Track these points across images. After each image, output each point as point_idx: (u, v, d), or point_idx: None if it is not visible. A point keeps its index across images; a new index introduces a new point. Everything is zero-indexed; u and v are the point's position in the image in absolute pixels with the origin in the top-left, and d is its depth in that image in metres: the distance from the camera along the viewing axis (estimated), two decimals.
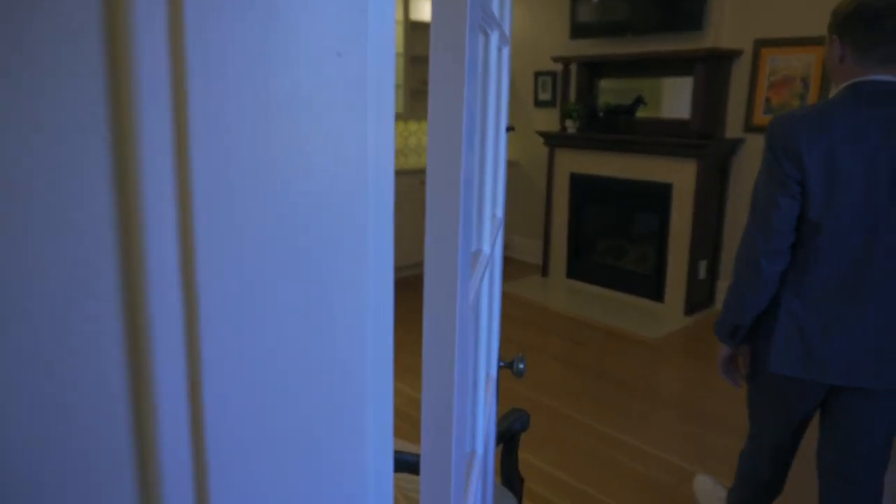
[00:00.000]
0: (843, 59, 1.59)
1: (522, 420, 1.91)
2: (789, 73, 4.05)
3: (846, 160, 1.53)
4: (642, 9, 4.55)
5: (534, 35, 5.55)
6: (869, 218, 1.55)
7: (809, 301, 1.64)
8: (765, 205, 1.66)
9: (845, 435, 1.74)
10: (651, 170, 4.57)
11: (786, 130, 1.60)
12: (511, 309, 4.68)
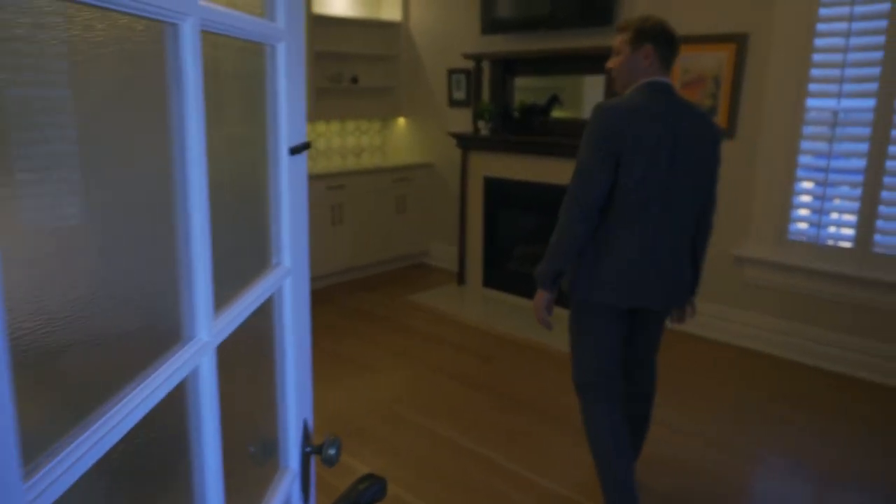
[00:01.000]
0: (650, 64, 2.06)
1: (374, 491, 1.59)
2: (701, 72, 3.88)
3: (649, 138, 1.99)
4: (555, 3, 4.31)
5: (446, 31, 5.25)
6: (661, 177, 2.03)
7: (617, 245, 2.09)
8: (586, 179, 2.04)
9: (646, 336, 2.34)
10: (566, 173, 4.32)
11: (611, 116, 2.01)
12: (423, 323, 4.38)
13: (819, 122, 3.55)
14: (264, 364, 1.09)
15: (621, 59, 2.10)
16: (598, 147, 2.01)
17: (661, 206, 2.05)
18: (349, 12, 5.43)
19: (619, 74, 2.11)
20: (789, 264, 3.72)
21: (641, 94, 2.05)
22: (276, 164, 1.03)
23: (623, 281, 2.10)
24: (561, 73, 4.51)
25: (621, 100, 2.06)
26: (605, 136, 2.00)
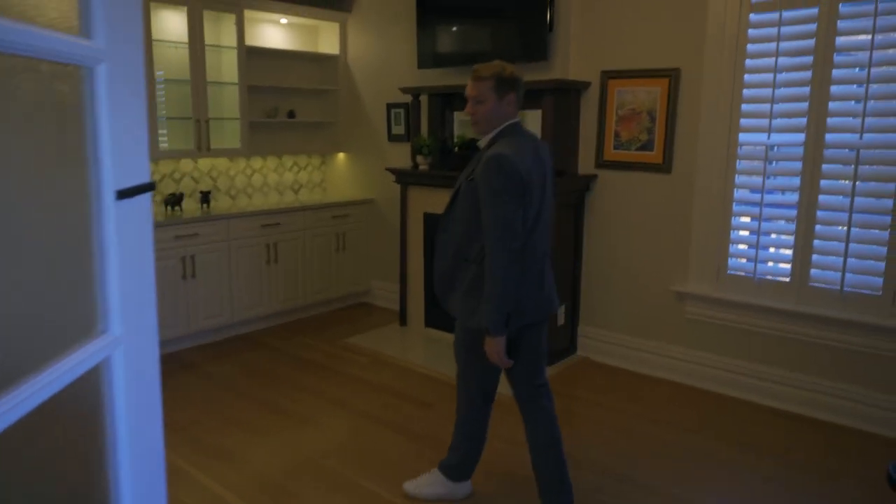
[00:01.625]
0: (513, 109, 2.31)
1: None
2: (636, 107, 3.86)
3: (536, 176, 2.27)
4: (487, 38, 4.27)
5: (384, 65, 5.16)
6: (540, 207, 2.30)
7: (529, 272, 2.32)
8: (509, 228, 2.18)
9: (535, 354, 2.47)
10: None
11: (516, 164, 2.18)
12: (362, 368, 4.17)
13: (752, 156, 3.55)
14: (84, 460, 0.90)
15: (488, 107, 2.28)
16: (514, 197, 2.18)
17: (539, 232, 2.33)
18: (285, 45, 5.31)
19: (484, 120, 2.30)
20: (728, 300, 3.67)
21: (515, 137, 2.29)
22: (99, 210, 0.86)
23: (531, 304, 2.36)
24: None
25: (508, 146, 2.23)
26: (517, 185, 2.18)
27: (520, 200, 2.18)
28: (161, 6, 4.35)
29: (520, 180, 2.17)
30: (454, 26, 4.45)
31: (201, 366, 4.18)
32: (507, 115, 2.29)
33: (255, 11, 4.84)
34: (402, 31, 4.92)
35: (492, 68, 2.28)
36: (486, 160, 2.19)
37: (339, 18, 5.33)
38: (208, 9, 4.49)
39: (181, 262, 4.30)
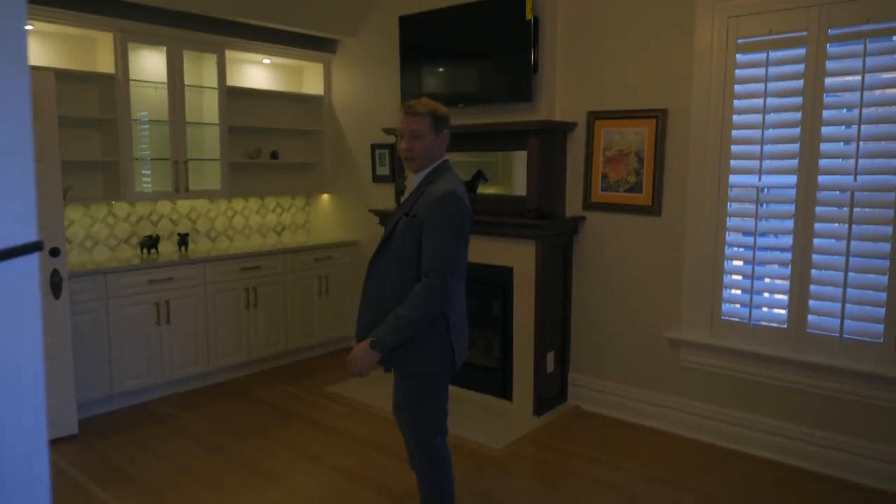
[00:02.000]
0: (446, 146, 2.33)
1: None
2: (623, 148, 3.77)
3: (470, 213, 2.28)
4: (471, 79, 4.21)
5: (369, 105, 5.09)
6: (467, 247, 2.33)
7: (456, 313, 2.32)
8: (455, 263, 2.19)
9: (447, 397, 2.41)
10: (491, 252, 4.11)
11: (464, 203, 2.21)
12: (342, 419, 3.97)
13: (743, 198, 3.44)
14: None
15: (426, 143, 2.26)
16: (462, 233, 2.21)
17: (461, 271, 2.32)
18: (269, 86, 5.24)
19: (421, 156, 2.27)
20: (723, 346, 3.52)
21: (452, 174, 2.32)
22: None
23: (463, 344, 2.37)
24: (485, 150, 4.36)
25: (453, 183, 2.24)
26: (466, 222, 2.22)
27: (464, 239, 2.25)
28: (140, 46, 4.28)
29: (469, 218, 2.24)
30: (438, 67, 4.39)
31: (173, 417, 3.98)
32: (440, 153, 2.31)
33: (238, 52, 4.78)
34: (387, 71, 4.86)
35: (427, 105, 2.28)
36: (442, 196, 2.16)
37: (324, 59, 5.28)
38: (189, 49, 4.43)
39: (155, 307, 4.13)
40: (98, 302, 3.87)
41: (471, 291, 4.34)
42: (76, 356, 3.75)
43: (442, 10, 4.26)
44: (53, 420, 3.57)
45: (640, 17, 3.67)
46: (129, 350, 4.04)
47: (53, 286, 3.50)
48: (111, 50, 4.07)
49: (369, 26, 5.04)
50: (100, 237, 4.37)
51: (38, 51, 3.99)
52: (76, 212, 4.24)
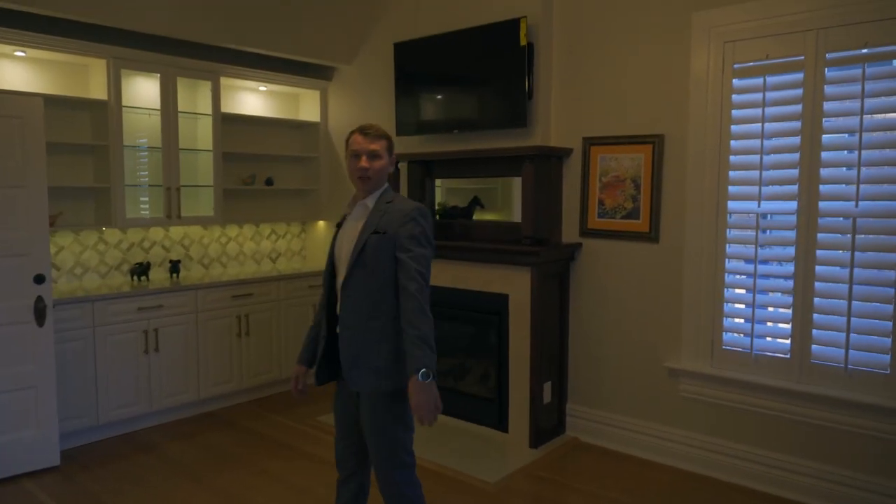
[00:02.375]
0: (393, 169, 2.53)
1: None
2: (620, 174, 3.71)
3: None
4: (466, 105, 4.18)
5: None
6: None
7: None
8: (430, 267, 2.23)
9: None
10: (486, 279, 4.03)
11: (429, 216, 2.30)
12: (331, 451, 3.85)
13: (743, 225, 3.37)
14: None
15: (383, 164, 2.30)
16: (433, 243, 2.30)
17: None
18: (265, 112, 5.22)
19: (376, 177, 2.29)
20: (724, 377, 3.41)
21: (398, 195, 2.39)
22: None
23: None
24: (480, 176, 4.31)
25: (412, 200, 2.35)
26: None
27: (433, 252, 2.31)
28: (133, 73, 4.26)
29: (431, 233, 2.30)
30: (433, 93, 4.36)
31: (161, 448, 3.87)
32: (387, 176, 2.37)
33: (233, 79, 4.77)
34: (383, 98, 4.84)
35: (383, 129, 2.35)
36: (414, 210, 2.23)
37: (320, 86, 5.27)
38: (183, 76, 4.41)
39: (143, 335, 4.05)
40: (85, 329, 3.80)
41: (465, 319, 4.29)
42: (62, 385, 3.67)
43: (436, 37, 4.24)
44: (33, 451, 3.47)
45: (636, 42, 3.64)
46: (117, 379, 3.95)
47: (37, 313, 3.43)
48: (104, 76, 4.06)
49: (365, 53, 5.03)
50: (90, 264, 4.31)
51: (31, 77, 3.98)
52: (66, 238, 4.19)
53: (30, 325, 3.41)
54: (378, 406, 2.23)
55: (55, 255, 4.14)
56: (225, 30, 4.41)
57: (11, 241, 3.34)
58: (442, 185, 4.56)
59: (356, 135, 2.30)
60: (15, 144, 3.32)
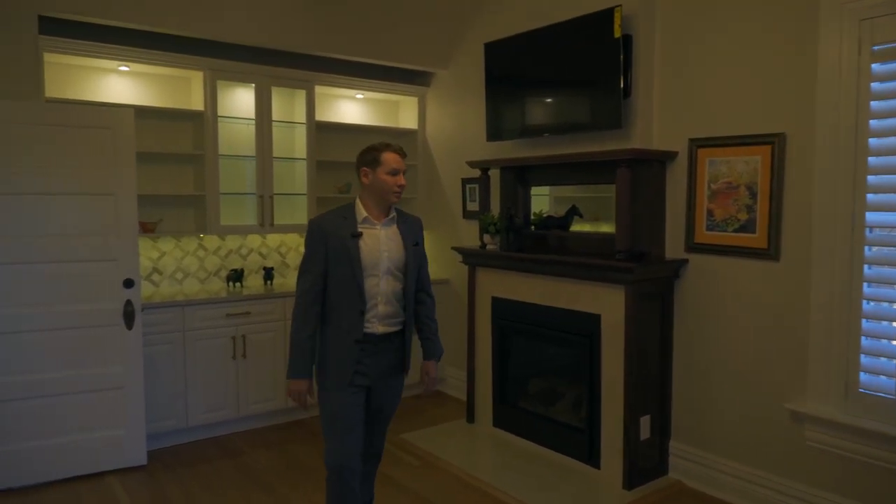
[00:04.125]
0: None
1: None
2: (732, 180, 3.19)
3: None
4: (557, 107, 3.85)
5: (460, 138, 4.87)
6: None
7: None
8: None
9: None
10: (577, 297, 3.66)
11: None
12: (411, 473, 3.65)
13: (886, 242, 2.74)
14: None
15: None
16: None
17: None
18: (363, 120, 5.19)
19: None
20: (860, 427, 2.79)
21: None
22: None
23: None
24: (572, 183, 3.95)
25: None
26: None
27: None
28: (229, 84, 4.37)
29: None
30: (521, 95, 4.06)
31: (243, 455, 3.88)
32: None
33: (330, 87, 4.76)
34: (475, 103, 4.61)
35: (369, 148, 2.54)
36: (420, 224, 2.67)
37: (418, 93, 5.14)
38: (278, 85, 4.46)
39: (231, 341, 4.10)
40: (175, 333, 3.90)
41: (555, 340, 3.93)
42: (152, 387, 3.79)
43: (524, 35, 3.94)
44: (121, 449, 3.60)
45: (752, 27, 3.12)
46: (205, 383, 4.02)
47: (126, 316, 3.55)
48: (202, 88, 4.18)
49: (460, 56, 4.84)
50: (190, 269, 4.46)
51: (135, 90, 4.19)
52: (168, 244, 4.37)
53: (119, 328, 3.54)
54: (400, 387, 2.69)
55: (157, 259, 4.33)
56: (319, 39, 4.41)
57: (102, 247, 3.49)
58: (549, 193, 4.23)
59: (390, 153, 2.47)
60: (106, 154, 3.47)
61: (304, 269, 2.45)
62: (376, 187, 2.46)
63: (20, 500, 3.30)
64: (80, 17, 3.62)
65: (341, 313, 2.43)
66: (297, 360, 2.45)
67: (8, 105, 3.29)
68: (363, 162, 2.49)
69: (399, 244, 2.51)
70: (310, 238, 2.45)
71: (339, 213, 2.48)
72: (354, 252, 2.40)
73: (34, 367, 3.37)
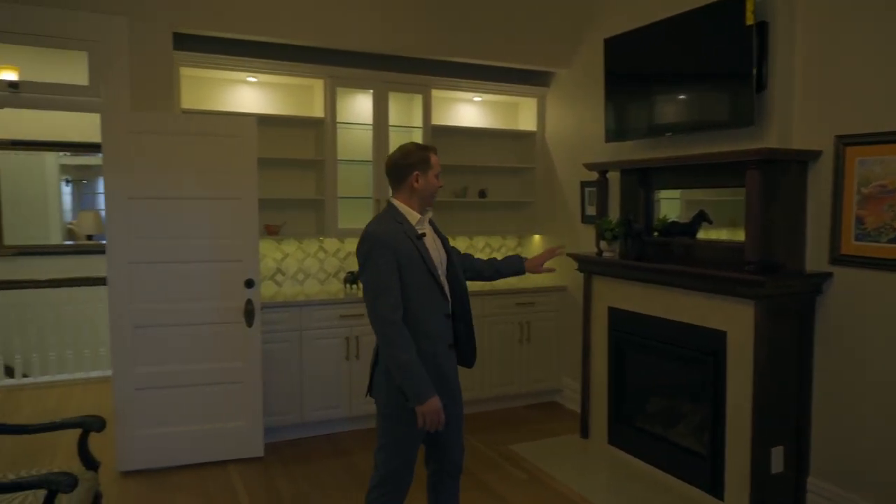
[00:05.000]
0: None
1: None
2: (887, 183, 2.76)
3: None
4: (681, 105, 3.55)
5: (579, 140, 4.66)
6: None
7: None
8: None
9: None
10: (701, 312, 3.35)
11: None
12: (516, 487, 3.52)
13: None
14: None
15: None
16: None
17: None
18: (481, 123, 5.12)
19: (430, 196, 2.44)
20: None
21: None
22: None
23: None
24: (696, 186, 3.63)
25: None
26: None
27: None
28: (348, 90, 4.49)
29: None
30: (645, 94, 3.78)
31: (352, 455, 3.96)
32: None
33: (447, 90, 4.75)
34: (595, 102, 4.38)
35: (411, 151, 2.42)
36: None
37: (538, 94, 4.99)
38: (395, 90, 4.51)
39: (345, 341, 4.20)
40: (292, 332, 4.06)
41: (676, 356, 3.62)
42: (271, 382, 3.96)
43: (646, 28, 3.68)
44: (240, 441, 3.79)
45: None
46: (320, 381, 4.15)
47: (247, 315, 3.74)
48: (322, 95, 4.33)
49: (582, 55, 4.62)
50: (311, 270, 4.63)
51: (262, 100, 4.42)
52: (290, 246, 4.56)
53: (240, 325, 3.74)
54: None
55: (281, 260, 4.53)
56: (436, 43, 4.40)
57: (226, 249, 3.69)
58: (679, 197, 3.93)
59: (435, 156, 2.40)
60: (232, 161, 3.67)
61: (380, 288, 2.21)
62: (426, 190, 2.35)
63: (152, 481, 3.57)
64: (212, 32, 3.86)
65: (428, 320, 2.30)
66: (422, 380, 2.20)
67: (149, 116, 3.58)
68: (414, 165, 2.33)
69: (438, 242, 2.45)
70: (377, 253, 2.22)
71: (388, 220, 2.32)
72: (426, 254, 2.29)
73: (168, 359, 3.64)
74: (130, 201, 3.52)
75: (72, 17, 3.51)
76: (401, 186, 2.36)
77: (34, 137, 5.99)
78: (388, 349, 2.22)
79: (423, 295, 2.28)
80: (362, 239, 2.27)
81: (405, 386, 2.20)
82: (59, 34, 3.52)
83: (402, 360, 2.19)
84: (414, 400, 2.20)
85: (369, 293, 2.24)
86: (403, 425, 2.31)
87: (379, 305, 2.20)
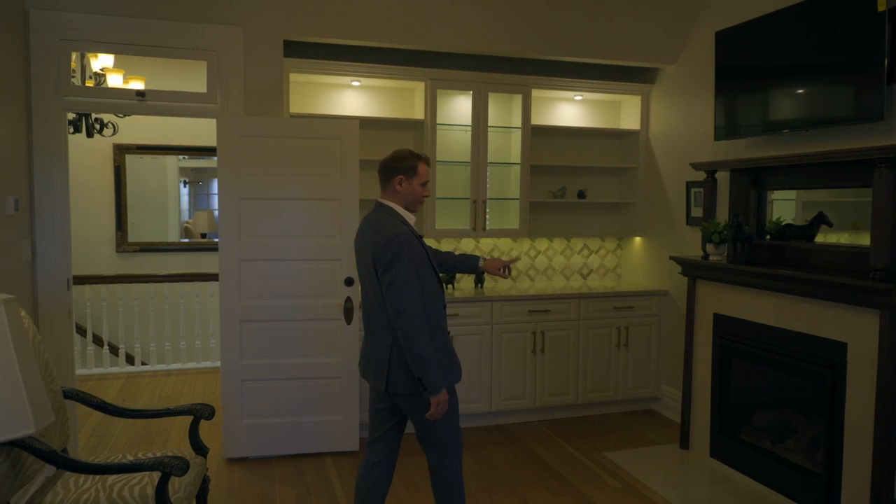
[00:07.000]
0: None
1: None
2: None
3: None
4: (796, 98, 3.33)
5: (685, 139, 4.47)
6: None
7: None
8: None
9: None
10: (817, 321, 3.13)
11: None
12: (606, 497, 3.43)
13: None
14: None
15: None
16: None
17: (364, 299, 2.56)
18: (583, 122, 5.03)
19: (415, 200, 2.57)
20: None
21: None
22: None
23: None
24: (816, 187, 3.38)
25: None
26: None
27: None
28: (448, 92, 4.52)
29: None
30: (760, 89, 3.58)
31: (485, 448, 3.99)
32: None
33: (547, 90, 4.69)
34: (704, 99, 4.19)
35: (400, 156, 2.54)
36: None
37: (642, 91, 4.84)
38: (494, 91, 4.51)
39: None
40: None
41: (789, 368, 3.40)
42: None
43: (762, 19, 3.48)
44: (336, 434, 3.91)
45: None
46: None
47: (346, 312, 3.85)
48: (423, 98, 4.39)
49: (689, 50, 4.43)
50: None
51: (366, 103, 4.54)
52: None
53: (339, 322, 3.85)
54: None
55: None
56: (536, 42, 4.36)
57: (329, 248, 3.82)
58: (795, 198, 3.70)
59: (425, 165, 2.51)
60: (335, 163, 3.79)
61: (408, 281, 2.31)
62: (409, 195, 2.49)
63: (254, 469, 3.75)
64: (320, 39, 4.01)
65: (440, 314, 2.47)
66: (440, 372, 2.33)
67: (258, 121, 3.76)
68: (400, 169, 2.47)
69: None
70: (406, 251, 2.33)
71: (395, 222, 2.43)
72: (430, 252, 2.52)
73: (271, 353, 3.81)
74: (241, 202, 3.71)
75: (192, 29, 3.75)
76: (386, 187, 2.51)
77: (157, 142, 6.46)
78: (416, 340, 2.29)
79: (432, 291, 2.44)
80: (389, 240, 2.33)
81: (428, 375, 2.29)
82: (181, 45, 3.76)
83: (428, 352, 2.30)
84: (433, 389, 2.30)
85: (397, 290, 2.31)
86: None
87: (404, 299, 2.30)
